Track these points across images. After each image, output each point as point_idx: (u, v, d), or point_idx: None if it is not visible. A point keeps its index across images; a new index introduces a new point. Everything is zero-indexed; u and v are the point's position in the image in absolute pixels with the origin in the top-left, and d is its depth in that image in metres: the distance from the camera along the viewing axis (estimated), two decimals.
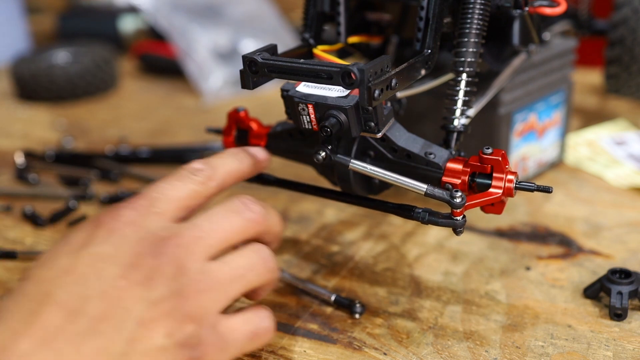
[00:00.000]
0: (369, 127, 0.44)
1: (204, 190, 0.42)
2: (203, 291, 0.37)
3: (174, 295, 0.36)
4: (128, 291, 0.35)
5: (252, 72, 0.44)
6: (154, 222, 0.38)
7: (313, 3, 0.55)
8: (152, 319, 0.35)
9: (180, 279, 0.36)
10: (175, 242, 0.37)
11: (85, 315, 0.34)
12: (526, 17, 0.57)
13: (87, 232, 0.38)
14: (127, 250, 0.36)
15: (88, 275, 0.35)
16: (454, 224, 0.44)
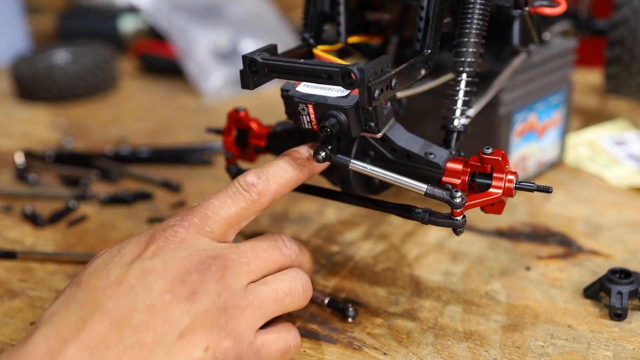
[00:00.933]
0: (369, 127, 0.44)
1: (255, 207, 0.44)
2: (244, 308, 0.39)
3: (216, 310, 0.37)
4: (172, 305, 0.37)
5: (252, 72, 0.44)
6: (203, 241, 0.41)
7: (313, 3, 0.55)
8: (193, 333, 0.36)
9: (223, 295, 0.38)
10: (221, 263, 0.39)
11: (130, 326, 0.35)
12: (526, 17, 0.57)
13: (139, 246, 0.40)
14: (175, 266, 0.38)
15: (136, 288, 0.37)
16: (454, 224, 0.44)
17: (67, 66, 1.03)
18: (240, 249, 0.41)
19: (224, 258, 0.40)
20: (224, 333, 0.37)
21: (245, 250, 0.42)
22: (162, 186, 0.73)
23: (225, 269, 0.39)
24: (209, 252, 0.40)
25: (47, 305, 0.52)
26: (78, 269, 0.58)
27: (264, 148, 0.54)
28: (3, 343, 0.48)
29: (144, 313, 0.36)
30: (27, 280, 0.56)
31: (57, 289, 0.55)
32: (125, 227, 0.65)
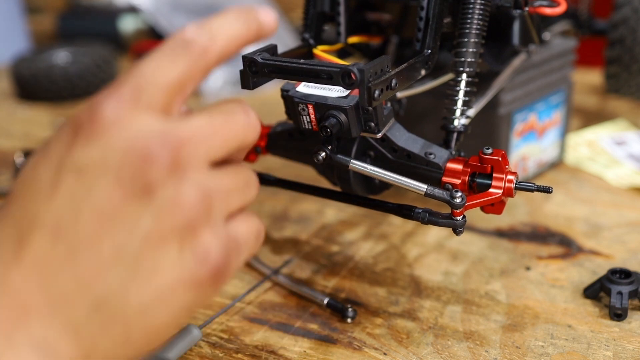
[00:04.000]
0: (369, 127, 0.44)
1: (200, 65, 0.33)
2: (212, 198, 0.32)
3: (181, 202, 0.30)
4: (125, 205, 0.29)
5: (252, 73, 0.44)
6: (142, 119, 0.31)
7: (313, 3, 0.55)
8: (160, 233, 0.30)
9: (182, 184, 0.31)
10: (173, 144, 0.31)
11: (78, 238, 0.29)
12: (526, 17, 0.57)
13: (66, 139, 0.31)
14: (116, 157, 0.30)
15: (76, 192, 0.30)
16: (454, 224, 0.44)
17: (67, 66, 1.03)
18: (192, 122, 0.32)
19: (175, 137, 0.31)
20: (203, 225, 0.31)
21: (200, 124, 0.32)
22: None
23: (178, 150, 0.31)
24: (154, 133, 0.31)
25: None
26: None
27: (264, 148, 0.54)
28: None
29: (91, 221, 0.29)
30: None
31: None
32: None
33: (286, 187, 0.53)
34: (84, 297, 0.29)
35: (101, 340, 0.29)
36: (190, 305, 0.31)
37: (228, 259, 0.32)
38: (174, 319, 0.31)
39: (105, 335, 0.29)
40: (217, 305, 0.52)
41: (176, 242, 0.30)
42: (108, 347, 0.29)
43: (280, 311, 0.51)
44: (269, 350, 0.47)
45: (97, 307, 0.29)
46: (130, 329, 0.30)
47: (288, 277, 0.55)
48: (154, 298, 0.30)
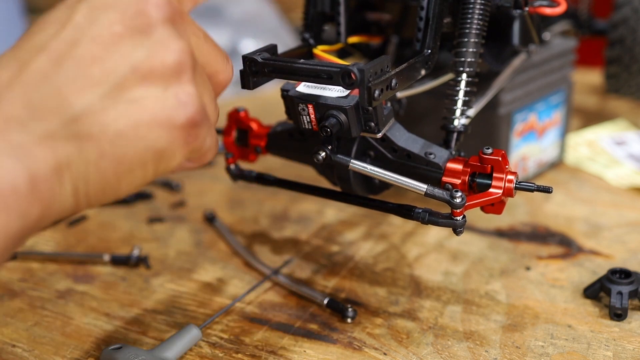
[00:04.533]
0: (369, 127, 0.44)
1: None
2: (197, 57, 0.35)
3: (173, 49, 0.33)
4: (124, 37, 0.32)
5: (252, 72, 0.44)
6: None
7: (313, 3, 0.55)
8: (151, 68, 0.32)
9: (185, 35, 0.34)
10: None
11: (72, 58, 0.31)
12: (526, 17, 0.57)
13: None
14: (129, 1, 0.33)
15: (81, 23, 0.32)
16: (454, 224, 0.44)
17: None
18: None
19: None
20: (188, 74, 0.33)
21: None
22: (162, 186, 0.73)
23: (180, 3, 0.35)
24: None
25: (47, 305, 0.53)
26: (78, 269, 0.58)
27: (264, 148, 0.54)
28: (3, 343, 0.48)
29: (89, 44, 0.31)
30: (27, 280, 0.56)
31: (57, 289, 0.55)
32: (125, 227, 0.65)
33: (286, 187, 0.53)
34: (62, 109, 0.31)
35: (74, 156, 0.31)
36: (160, 149, 0.33)
37: (203, 116, 0.34)
38: (143, 157, 0.33)
39: (78, 151, 0.31)
40: (217, 305, 0.52)
41: (162, 82, 0.32)
42: (80, 167, 0.31)
43: (280, 311, 0.51)
44: (269, 350, 0.47)
45: (74, 121, 0.31)
46: (102, 152, 0.31)
47: (288, 277, 0.55)
48: (130, 127, 0.32)
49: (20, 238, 0.30)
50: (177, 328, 0.49)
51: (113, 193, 0.33)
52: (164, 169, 0.34)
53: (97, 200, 0.33)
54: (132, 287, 0.55)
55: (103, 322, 0.50)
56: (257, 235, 0.63)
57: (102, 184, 0.32)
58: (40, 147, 0.30)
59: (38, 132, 0.30)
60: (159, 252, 0.60)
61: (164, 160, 0.34)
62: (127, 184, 0.33)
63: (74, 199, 0.32)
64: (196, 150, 0.35)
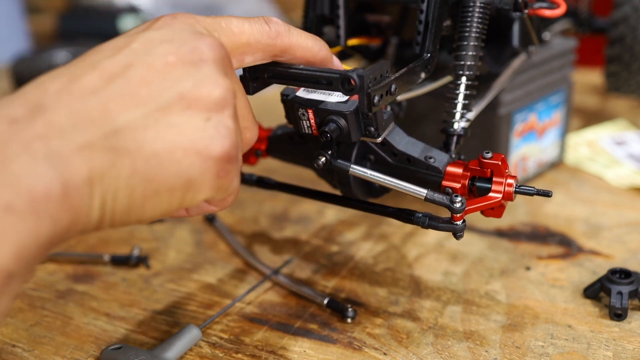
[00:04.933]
0: (368, 131, 0.44)
1: (266, 43, 0.40)
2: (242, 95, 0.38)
3: (220, 84, 0.35)
4: (176, 66, 0.34)
5: (251, 78, 0.44)
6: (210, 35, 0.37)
7: (312, 6, 0.55)
8: (196, 98, 0.34)
9: (232, 76, 0.36)
10: (229, 48, 0.38)
11: (124, 78, 0.33)
12: (526, 19, 0.57)
13: (147, 24, 0.37)
14: (185, 35, 0.35)
15: (138, 49, 0.34)
16: (454, 228, 0.44)
17: None
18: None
19: (233, 44, 0.39)
20: (230, 110, 0.35)
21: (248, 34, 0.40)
22: None
23: (232, 52, 0.38)
24: (217, 40, 0.37)
25: (47, 305, 0.53)
26: (78, 269, 0.58)
27: (264, 151, 0.54)
28: (3, 343, 0.48)
29: (141, 68, 0.33)
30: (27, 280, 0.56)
31: (57, 289, 0.55)
32: (125, 227, 0.65)
33: (286, 191, 0.53)
34: (105, 122, 0.31)
35: (107, 169, 0.31)
36: (191, 177, 0.34)
37: (237, 154, 0.36)
38: (173, 182, 0.33)
39: (112, 165, 0.31)
40: (217, 305, 0.52)
41: (205, 113, 0.34)
42: (111, 181, 0.31)
43: (280, 311, 0.51)
44: (269, 350, 0.47)
45: (114, 134, 0.31)
46: (135, 169, 0.32)
47: (288, 277, 0.55)
48: (166, 149, 0.33)
49: (48, 246, 0.30)
50: (177, 328, 0.49)
51: (137, 215, 0.34)
52: (190, 201, 0.35)
53: (121, 220, 0.33)
54: (132, 287, 0.55)
55: (103, 322, 0.50)
56: (257, 235, 0.63)
57: (129, 202, 0.33)
58: (77, 156, 0.30)
59: (77, 142, 0.30)
60: (159, 252, 0.60)
61: (191, 190, 0.34)
62: (152, 207, 0.34)
63: (100, 212, 0.32)
64: (223, 189, 0.36)
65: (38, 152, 0.29)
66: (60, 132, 0.30)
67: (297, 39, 0.42)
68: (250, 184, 0.54)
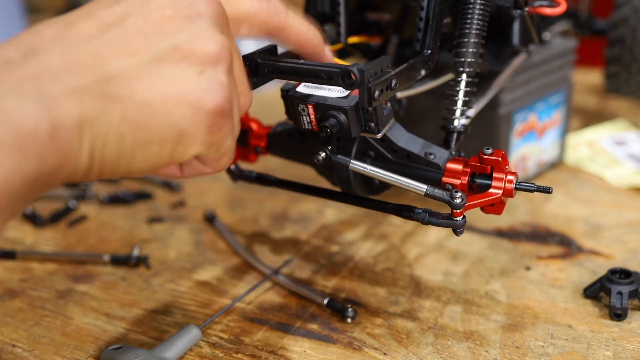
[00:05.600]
0: (369, 127, 0.44)
1: (264, 20, 0.41)
2: (236, 61, 0.37)
3: (216, 39, 0.34)
4: (172, 19, 0.34)
5: (252, 73, 0.44)
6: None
7: (313, 3, 0.55)
8: (191, 50, 0.34)
9: (224, 24, 0.36)
10: (229, 8, 0.38)
11: (120, 27, 0.33)
12: (526, 17, 0.57)
13: None
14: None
15: (135, 2, 0.34)
16: (454, 224, 0.44)
17: None
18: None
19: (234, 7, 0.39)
20: (225, 66, 0.35)
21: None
22: (162, 186, 0.73)
23: (231, 13, 0.38)
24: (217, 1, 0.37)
25: (47, 305, 0.53)
26: (78, 268, 0.58)
27: (264, 148, 0.54)
28: (3, 343, 0.48)
29: (138, 19, 0.33)
30: (27, 280, 0.56)
31: (57, 289, 0.55)
32: (125, 227, 0.65)
33: (286, 188, 0.53)
34: (98, 68, 0.31)
35: (98, 114, 0.31)
36: (182, 129, 0.34)
37: (230, 109, 0.35)
38: (164, 133, 0.33)
39: (103, 110, 0.31)
40: (217, 305, 0.52)
41: (199, 66, 0.34)
42: (101, 127, 0.31)
43: (280, 311, 0.51)
44: (269, 350, 0.47)
45: (106, 80, 0.31)
46: (125, 116, 0.32)
47: (288, 277, 0.55)
48: (159, 99, 0.32)
49: (33, 185, 0.30)
50: (177, 328, 0.49)
51: (126, 164, 0.33)
52: (181, 155, 0.35)
53: (110, 169, 0.33)
54: (132, 287, 0.55)
55: (103, 322, 0.50)
56: (257, 235, 0.63)
57: (119, 150, 0.32)
58: (68, 99, 0.30)
59: (69, 85, 0.31)
60: (159, 252, 0.60)
61: (182, 143, 0.34)
62: (141, 158, 0.33)
63: (89, 158, 0.32)
64: (215, 145, 0.36)
65: (29, 91, 0.29)
66: (53, 74, 0.30)
67: (293, 21, 0.42)
68: (250, 181, 0.54)
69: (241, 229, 0.64)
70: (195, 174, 0.40)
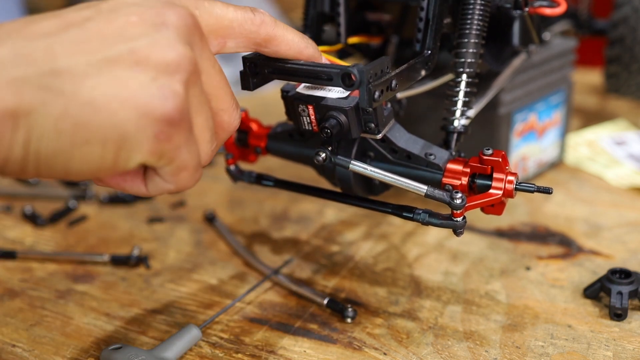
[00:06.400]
0: (369, 128, 0.44)
1: (248, 29, 0.40)
2: (201, 74, 0.37)
3: (177, 50, 0.34)
4: (136, 26, 0.34)
5: (252, 73, 0.44)
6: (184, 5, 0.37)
7: (313, 3, 0.55)
8: (148, 57, 0.33)
9: (192, 37, 0.35)
10: (201, 21, 0.37)
11: (80, 27, 0.33)
12: (526, 17, 0.57)
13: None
14: (155, 3, 0.35)
15: (104, 8, 0.34)
16: (454, 225, 0.44)
17: None
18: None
19: (206, 19, 0.38)
20: (182, 77, 0.34)
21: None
22: None
23: (200, 26, 0.37)
24: (188, 10, 0.36)
25: (47, 305, 0.53)
26: (78, 268, 0.58)
27: (264, 149, 0.54)
28: (3, 343, 0.48)
29: (101, 22, 0.33)
30: (27, 280, 0.56)
31: (57, 289, 0.55)
32: (125, 227, 0.65)
33: (286, 188, 0.53)
34: (46, 63, 0.31)
35: (37, 106, 0.31)
36: (125, 133, 0.33)
37: (182, 121, 0.34)
38: (105, 134, 0.32)
39: (43, 103, 0.31)
40: (217, 305, 0.52)
41: (153, 72, 0.33)
42: (39, 120, 0.31)
43: (280, 311, 0.51)
44: (269, 350, 0.47)
45: (51, 74, 0.31)
46: (66, 112, 0.31)
47: (288, 277, 0.55)
48: (104, 99, 0.32)
49: None
50: (177, 328, 0.49)
51: (64, 163, 0.33)
52: (125, 161, 0.34)
53: (47, 166, 0.32)
54: (132, 287, 0.55)
55: (103, 322, 0.50)
56: (257, 235, 0.63)
57: (56, 146, 0.32)
58: (6, 88, 0.30)
59: (11, 75, 0.30)
60: (159, 252, 0.60)
61: (125, 148, 0.33)
62: (80, 158, 0.32)
63: (24, 151, 0.31)
64: (166, 157, 0.34)
65: None
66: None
67: (282, 32, 0.42)
68: (250, 182, 0.54)
69: (241, 229, 0.64)
70: (159, 191, 0.39)
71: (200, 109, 0.36)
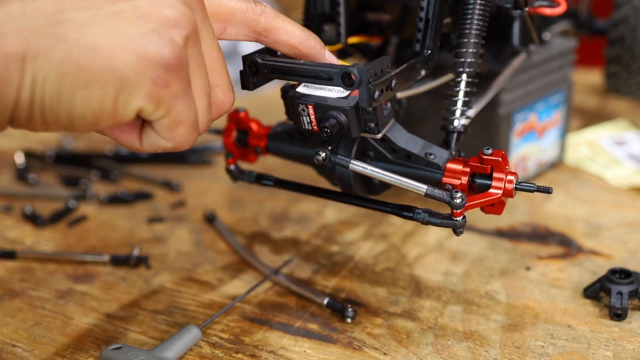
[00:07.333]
0: (369, 127, 0.44)
1: (249, 17, 0.42)
2: (199, 35, 0.37)
3: (177, 7, 0.35)
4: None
5: (252, 73, 0.44)
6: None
7: (313, 3, 0.55)
8: (148, 12, 0.34)
9: (194, 4, 0.37)
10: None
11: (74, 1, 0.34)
12: (526, 17, 0.57)
13: None
14: None
15: None
16: (454, 224, 0.44)
17: None
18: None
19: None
20: (182, 32, 0.35)
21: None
22: (162, 186, 0.73)
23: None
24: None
25: (47, 305, 0.53)
26: (78, 268, 0.58)
27: (264, 148, 0.54)
28: (3, 343, 0.48)
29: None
30: (27, 280, 0.56)
31: (57, 289, 0.55)
32: (125, 227, 0.65)
33: (286, 188, 0.53)
34: (54, 15, 0.33)
35: (43, 51, 0.32)
36: (125, 75, 0.34)
37: (180, 68, 0.35)
38: (106, 77, 0.33)
39: (48, 48, 0.32)
40: (217, 305, 0.52)
41: (153, 25, 0.34)
42: (44, 63, 0.32)
43: (280, 311, 0.51)
44: (269, 350, 0.47)
45: (57, 23, 0.33)
46: (69, 55, 0.33)
47: (288, 277, 0.55)
48: (105, 45, 0.33)
49: None
50: (177, 328, 0.49)
51: (66, 109, 0.34)
52: (124, 105, 0.34)
53: (52, 112, 0.34)
54: (132, 287, 0.55)
55: (103, 322, 0.50)
56: (257, 235, 0.63)
57: (59, 88, 0.33)
58: (16, 35, 0.32)
59: (21, 24, 0.32)
60: (159, 252, 0.60)
61: (125, 92, 0.34)
62: (82, 101, 0.33)
63: (31, 94, 0.33)
64: (164, 104, 0.35)
65: None
66: (8, 17, 0.32)
67: (282, 22, 0.43)
68: (250, 181, 0.54)
69: (241, 229, 0.64)
70: (153, 147, 0.39)
71: (198, 72, 0.37)
